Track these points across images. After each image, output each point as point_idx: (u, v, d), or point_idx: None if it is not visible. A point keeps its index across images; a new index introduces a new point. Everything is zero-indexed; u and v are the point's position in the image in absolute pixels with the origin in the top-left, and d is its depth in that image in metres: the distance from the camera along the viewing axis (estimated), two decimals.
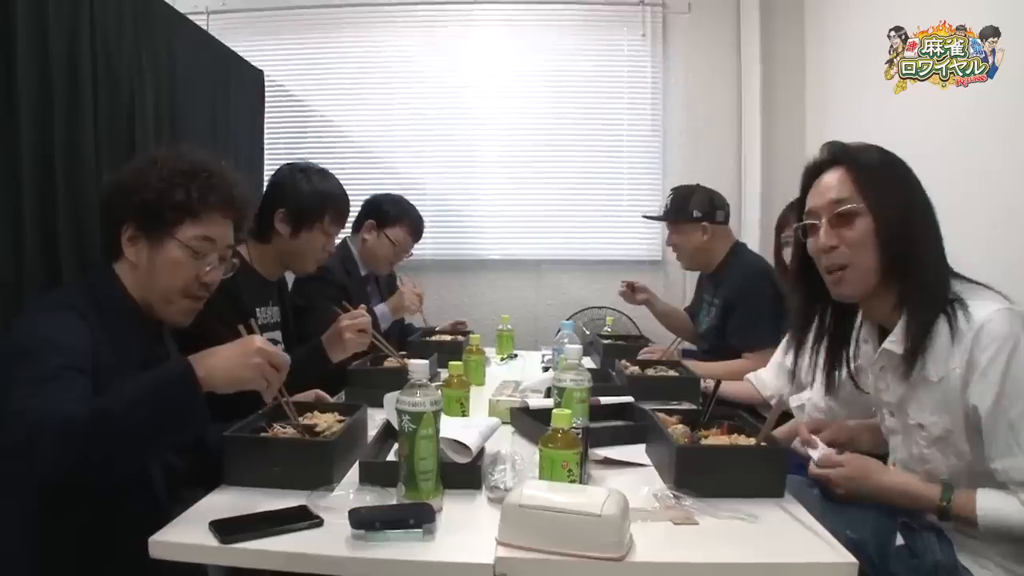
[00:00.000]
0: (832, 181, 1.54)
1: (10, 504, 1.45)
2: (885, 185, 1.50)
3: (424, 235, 3.59)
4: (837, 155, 1.57)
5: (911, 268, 1.47)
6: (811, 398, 2.16)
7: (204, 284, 1.66)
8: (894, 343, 1.50)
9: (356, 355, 2.38)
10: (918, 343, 1.44)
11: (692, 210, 3.07)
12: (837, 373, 1.70)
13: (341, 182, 2.59)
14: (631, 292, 3.41)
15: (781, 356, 2.55)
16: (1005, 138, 2.26)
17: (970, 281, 1.50)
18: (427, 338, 3.18)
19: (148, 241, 1.60)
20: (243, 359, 1.38)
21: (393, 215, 3.20)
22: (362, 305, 2.37)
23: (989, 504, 1.39)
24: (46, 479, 1.32)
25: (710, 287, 3.18)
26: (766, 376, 2.55)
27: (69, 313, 1.48)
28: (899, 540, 1.58)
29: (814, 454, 1.63)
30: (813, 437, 1.68)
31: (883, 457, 1.69)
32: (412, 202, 3.36)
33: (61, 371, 1.37)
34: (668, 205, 3.19)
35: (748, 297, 2.86)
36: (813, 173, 1.61)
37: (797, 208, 1.68)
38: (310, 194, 2.40)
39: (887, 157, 1.54)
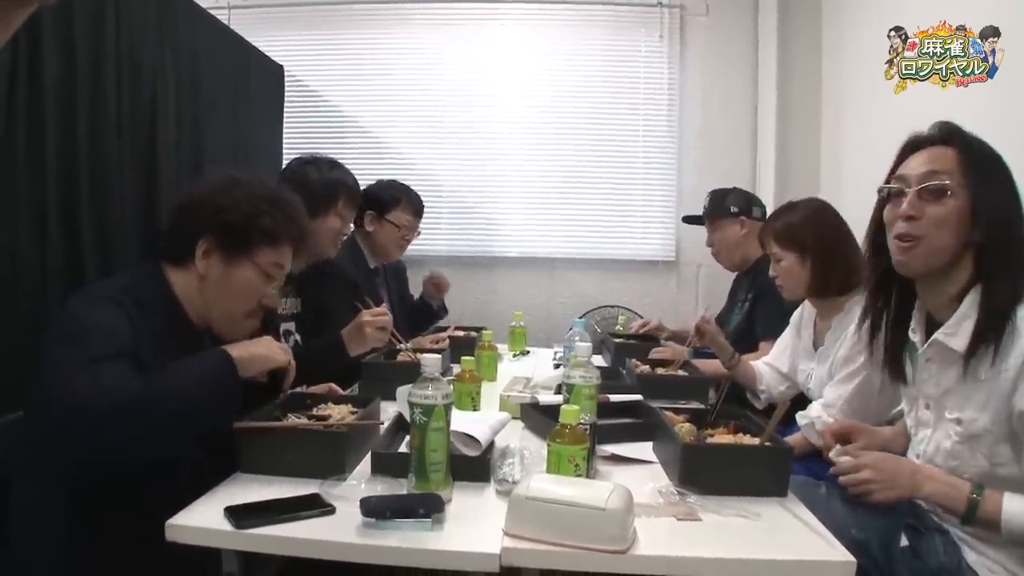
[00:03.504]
0: (936, 155, 1.50)
1: (39, 489, 1.50)
2: (992, 175, 1.47)
3: (439, 232, 3.63)
4: (949, 135, 1.53)
5: (998, 263, 1.44)
6: (820, 416, 2.16)
7: (263, 307, 1.75)
8: (948, 336, 1.49)
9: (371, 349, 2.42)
10: (988, 340, 1.41)
11: (729, 206, 3.23)
12: (896, 357, 1.66)
13: (357, 177, 2.66)
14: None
15: (772, 358, 2.59)
16: (1005, 138, 2.25)
17: None
18: (439, 333, 3.21)
19: (225, 258, 1.67)
20: (266, 345, 1.63)
21: (390, 200, 3.21)
22: (384, 304, 2.41)
23: (1015, 508, 1.38)
24: (102, 452, 1.38)
25: (744, 284, 3.23)
26: (764, 369, 2.59)
27: (112, 304, 1.53)
28: (903, 541, 1.58)
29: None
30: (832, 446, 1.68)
31: None
32: (428, 199, 3.39)
33: (110, 353, 1.43)
34: (706, 205, 3.33)
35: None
36: (916, 146, 1.56)
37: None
38: (321, 181, 2.48)
39: (996, 154, 1.51)
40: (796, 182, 3.95)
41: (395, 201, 3.21)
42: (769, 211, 3.55)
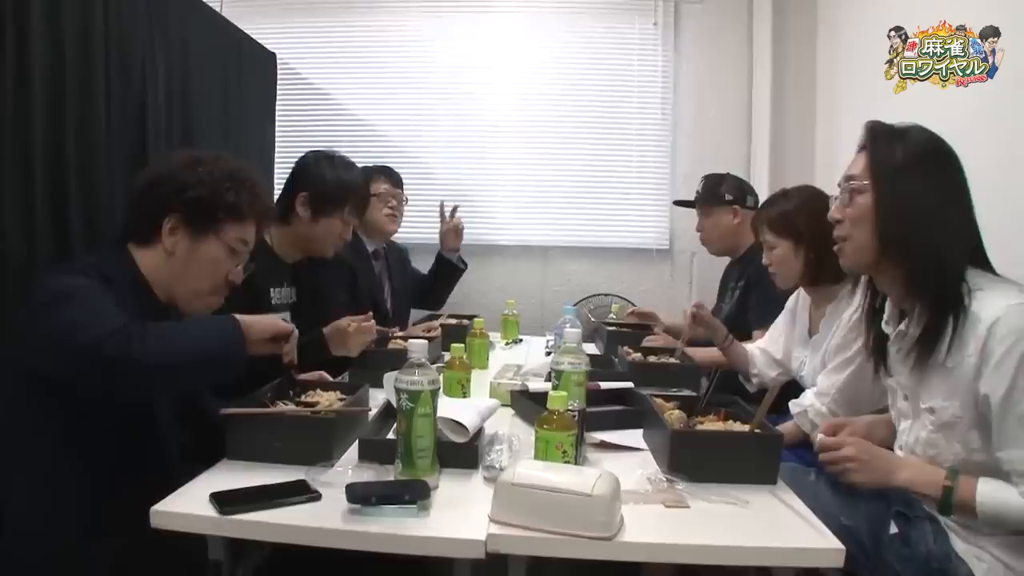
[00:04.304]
0: (858, 159, 1.58)
1: (29, 475, 1.50)
2: (898, 169, 1.51)
3: (433, 219, 3.60)
4: (866, 138, 1.59)
5: (906, 253, 1.49)
6: (812, 404, 2.16)
7: (229, 283, 1.76)
8: (910, 327, 1.52)
9: None
10: (927, 334, 1.46)
11: (724, 194, 3.21)
12: (878, 348, 1.69)
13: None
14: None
15: (766, 343, 2.58)
16: (1005, 138, 2.25)
17: (995, 274, 1.51)
18: (432, 321, 3.21)
19: (191, 234, 1.68)
20: (268, 316, 1.67)
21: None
22: (369, 313, 2.39)
23: (989, 491, 1.39)
24: (128, 376, 1.41)
25: (735, 273, 3.21)
26: (757, 353, 2.60)
27: (83, 276, 1.54)
28: (892, 529, 1.58)
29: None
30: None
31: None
32: (422, 187, 3.42)
33: (108, 302, 1.48)
34: (700, 190, 3.31)
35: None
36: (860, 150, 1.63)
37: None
38: (334, 181, 2.44)
39: (918, 142, 1.53)
40: (790, 172, 3.93)
41: (367, 177, 3.19)
42: (763, 200, 3.55)
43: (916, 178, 1.50)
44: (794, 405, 2.19)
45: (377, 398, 1.91)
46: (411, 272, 3.65)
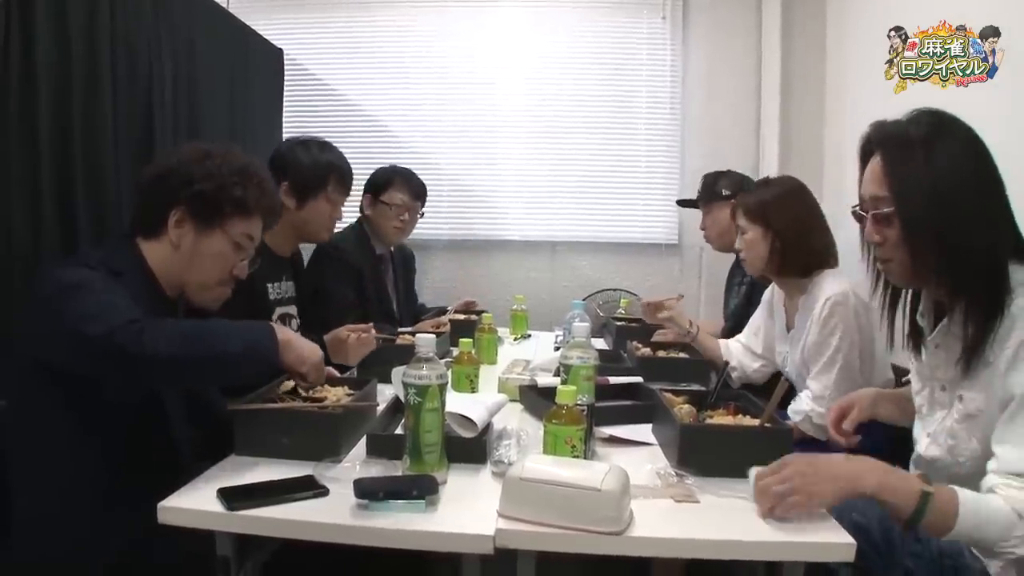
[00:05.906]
0: (871, 173, 1.50)
1: (36, 472, 1.51)
2: (910, 175, 1.43)
3: (440, 215, 3.61)
4: (873, 140, 1.53)
5: (947, 264, 1.42)
6: (813, 408, 2.14)
7: (234, 277, 1.78)
8: (954, 326, 1.47)
9: None
10: (978, 340, 1.40)
11: (721, 189, 3.19)
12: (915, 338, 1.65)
13: (359, 161, 2.63)
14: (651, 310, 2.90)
15: (744, 336, 2.61)
16: (1005, 138, 2.24)
17: None
18: (441, 317, 3.20)
19: (197, 227, 1.69)
20: (312, 347, 1.65)
21: (382, 180, 3.17)
22: (371, 325, 2.35)
23: (972, 496, 1.30)
24: (145, 361, 1.40)
25: (740, 270, 3.20)
26: (733, 346, 2.63)
27: (89, 270, 1.54)
28: None
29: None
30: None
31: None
32: (430, 183, 3.36)
33: (120, 297, 1.48)
34: (699, 190, 3.30)
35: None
36: (862, 156, 1.56)
37: None
38: (311, 164, 2.46)
39: (922, 134, 1.45)
40: (800, 167, 3.89)
41: (388, 181, 3.17)
42: None
43: (925, 181, 1.42)
44: (794, 413, 2.18)
45: (385, 393, 1.91)
46: (412, 279, 3.64)
